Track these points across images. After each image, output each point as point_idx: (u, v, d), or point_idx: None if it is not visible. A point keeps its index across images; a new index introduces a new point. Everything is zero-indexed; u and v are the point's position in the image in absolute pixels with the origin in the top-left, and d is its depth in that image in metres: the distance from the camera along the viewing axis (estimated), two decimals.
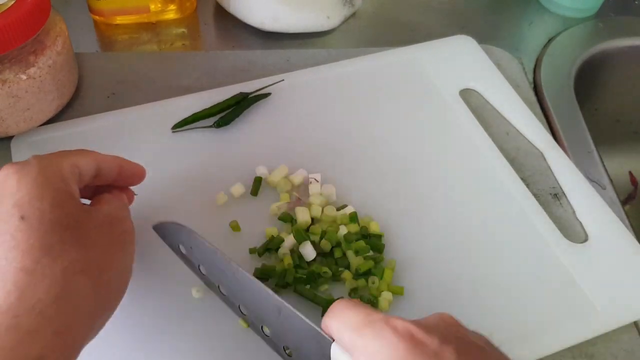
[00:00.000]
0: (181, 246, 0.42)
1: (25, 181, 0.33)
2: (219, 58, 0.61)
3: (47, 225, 0.32)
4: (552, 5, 0.70)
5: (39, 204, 0.33)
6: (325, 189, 0.48)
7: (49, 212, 0.33)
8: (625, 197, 0.75)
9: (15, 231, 0.32)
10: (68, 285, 0.32)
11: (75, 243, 0.33)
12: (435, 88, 0.57)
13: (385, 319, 0.30)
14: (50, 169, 0.35)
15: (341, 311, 0.32)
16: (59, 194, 0.34)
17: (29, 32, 0.47)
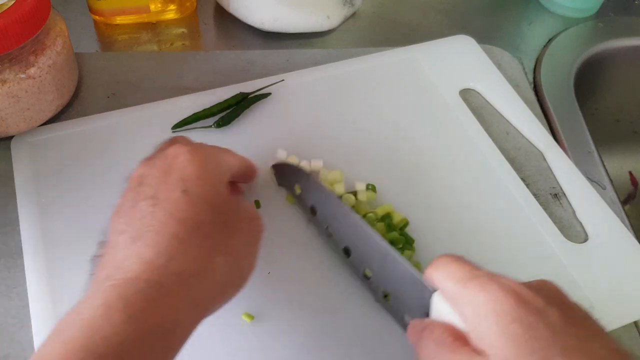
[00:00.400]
0: (296, 186, 0.45)
1: (194, 162, 0.37)
2: (219, 58, 0.61)
3: (204, 205, 0.35)
4: (552, 5, 0.70)
5: (201, 184, 0.36)
6: None
7: (208, 194, 0.36)
8: (625, 197, 0.75)
9: (176, 201, 0.34)
10: (211, 263, 0.34)
11: (224, 228, 0.35)
12: (435, 88, 0.57)
13: (491, 275, 0.31)
14: (215, 160, 0.39)
15: (447, 263, 0.33)
16: (218, 182, 0.37)
17: (29, 32, 0.47)
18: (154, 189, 0.35)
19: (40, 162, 0.50)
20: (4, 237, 0.46)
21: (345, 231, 0.42)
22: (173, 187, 0.35)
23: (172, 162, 0.37)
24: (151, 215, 0.34)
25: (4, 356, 0.40)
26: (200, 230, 0.34)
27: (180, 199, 0.34)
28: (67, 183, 0.48)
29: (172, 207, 0.34)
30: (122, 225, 0.34)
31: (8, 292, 0.43)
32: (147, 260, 0.32)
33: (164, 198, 0.34)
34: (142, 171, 0.37)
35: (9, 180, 0.49)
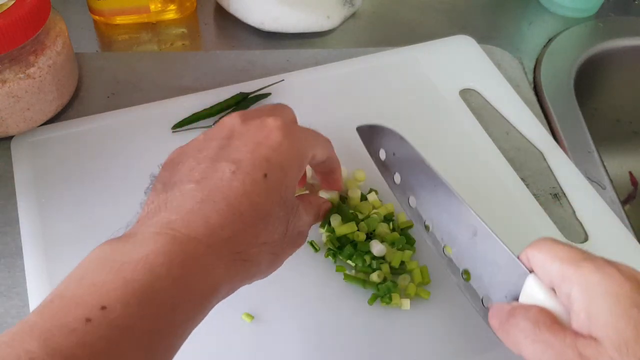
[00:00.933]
0: (382, 150, 0.43)
1: (286, 146, 0.36)
2: (219, 58, 0.61)
3: (278, 197, 0.35)
4: (552, 5, 0.70)
5: (283, 175, 0.35)
6: None
7: (285, 187, 0.35)
8: (625, 197, 0.75)
9: (254, 181, 0.34)
10: (260, 254, 0.34)
11: (281, 226, 0.35)
12: (435, 88, 0.57)
13: (605, 260, 0.30)
14: (304, 149, 0.38)
15: (550, 245, 0.32)
16: (296, 177, 0.37)
17: (29, 32, 0.47)
18: (239, 153, 0.35)
19: (40, 162, 0.50)
20: (4, 237, 0.46)
21: (432, 201, 0.39)
22: (258, 164, 0.34)
23: (267, 135, 0.36)
24: (229, 182, 0.33)
25: None
26: (264, 221, 0.34)
27: (260, 181, 0.34)
28: (67, 183, 0.48)
29: (249, 185, 0.33)
30: (196, 173, 0.34)
31: (8, 292, 0.43)
32: (212, 227, 0.32)
33: (246, 171, 0.34)
34: (235, 126, 0.37)
35: (9, 180, 0.49)
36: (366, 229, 0.45)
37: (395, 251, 0.44)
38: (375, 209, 0.47)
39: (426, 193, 0.40)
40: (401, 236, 0.45)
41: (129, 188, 0.48)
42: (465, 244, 0.37)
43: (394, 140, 0.42)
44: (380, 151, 0.43)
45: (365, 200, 0.47)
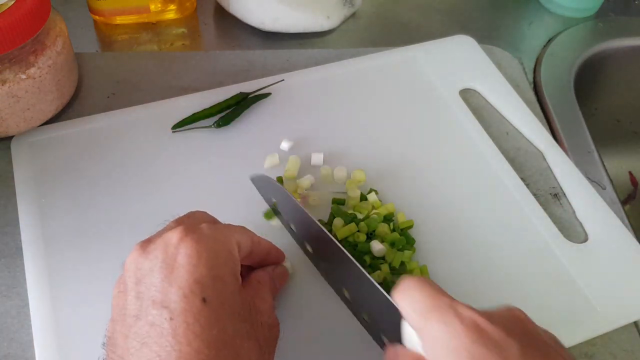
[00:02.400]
0: (273, 199, 0.44)
1: (205, 255, 0.31)
2: (219, 58, 0.61)
3: (227, 313, 0.30)
4: (552, 5, 0.70)
5: (220, 285, 0.30)
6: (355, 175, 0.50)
7: (228, 296, 0.31)
8: (625, 197, 0.75)
9: (197, 316, 0.29)
10: None
11: (252, 341, 0.31)
12: (435, 88, 0.57)
13: (451, 305, 0.29)
14: (224, 246, 0.32)
15: (409, 290, 0.31)
16: (233, 278, 0.32)
17: (29, 32, 0.47)
18: (162, 293, 0.30)
19: (40, 162, 0.50)
20: (4, 237, 0.46)
21: (321, 250, 0.40)
22: (189, 295, 0.29)
23: (175, 254, 0.31)
24: (172, 332, 0.29)
25: (4, 356, 0.40)
26: (229, 348, 0.29)
27: (202, 310, 0.29)
28: (67, 183, 0.48)
29: (194, 322, 0.29)
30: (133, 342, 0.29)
31: (8, 292, 0.43)
32: None
33: (182, 309, 0.29)
34: (139, 263, 0.32)
35: (9, 180, 0.49)
36: (366, 229, 0.45)
37: (395, 251, 0.44)
38: (375, 209, 0.47)
39: (316, 241, 0.40)
40: (401, 236, 0.45)
41: (128, 188, 0.48)
42: (355, 288, 0.38)
43: (276, 191, 0.42)
44: (272, 199, 0.44)
45: (365, 201, 0.47)
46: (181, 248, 0.31)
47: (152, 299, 0.30)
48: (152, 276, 0.31)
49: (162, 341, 0.29)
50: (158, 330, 0.29)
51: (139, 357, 0.29)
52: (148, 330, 0.29)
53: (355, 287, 0.37)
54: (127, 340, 0.30)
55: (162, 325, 0.29)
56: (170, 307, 0.29)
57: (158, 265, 0.31)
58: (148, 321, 0.29)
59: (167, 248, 0.31)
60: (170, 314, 0.29)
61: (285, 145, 0.51)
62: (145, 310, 0.30)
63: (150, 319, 0.29)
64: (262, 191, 0.45)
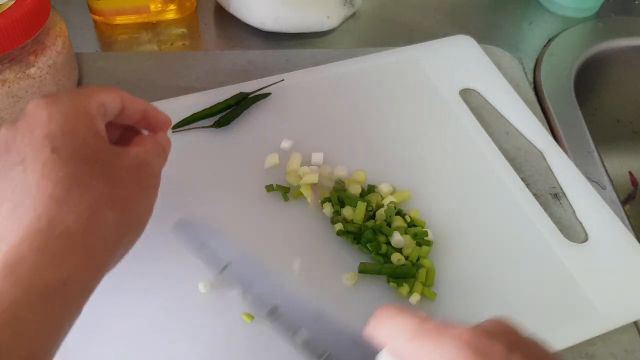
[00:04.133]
0: (205, 246, 0.41)
1: (57, 114, 0.34)
2: (219, 58, 0.61)
3: (77, 159, 0.34)
4: (552, 5, 0.70)
5: (70, 138, 0.34)
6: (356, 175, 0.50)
7: (80, 146, 0.34)
8: (625, 197, 0.75)
9: (46, 162, 0.33)
10: (95, 217, 0.33)
11: (103, 178, 0.34)
12: (435, 88, 0.57)
13: (442, 327, 0.28)
14: (80, 105, 0.36)
15: (391, 318, 0.30)
16: (88, 131, 0.35)
17: (29, 32, 0.47)
18: (20, 153, 0.34)
19: None
20: None
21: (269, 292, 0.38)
22: (40, 147, 0.33)
23: (33, 119, 0.35)
24: (24, 181, 0.33)
25: None
26: (77, 186, 0.33)
27: (49, 158, 0.33)
28: None
29: (42, 168, 0.33)
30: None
31: None
32: (27, 225, 0.31)
33: (33, 160, 0.33)
34: (5, 136, 0.35)
35: None
36: (383, 217, 0.45)
37: (414, 245, 0.44)
38: (383, 198, 0.47)
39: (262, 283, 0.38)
40: (425, 230, 0.45)
41: None
42: (315, 326, 0.36)
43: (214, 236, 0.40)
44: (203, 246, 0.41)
45: (372, 193, 0.48)
46: (37, 114, 0.35)
47: (13, 160, 0.34)
48: (15, 142, 0.34)
49: (18, 190, 0.33)
50: (15, 182, 0.33)
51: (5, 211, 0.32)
52: (8, 185, 0.33)
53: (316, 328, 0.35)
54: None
55: (17, 178, 0.33)
56: (24, 160, 0.33)
57: (20, 132, 0.35)
58: (10, 178, 0.33)
59: (27, 117, 0.35)
60: (24, 166, 0.33)
61: (285, 145, 0.51)
62: (9, 171, 0.34)
63: (12, 175, 0.33)
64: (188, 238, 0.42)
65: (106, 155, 0.35)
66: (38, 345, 0.29)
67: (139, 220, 0.36)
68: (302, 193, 0.48)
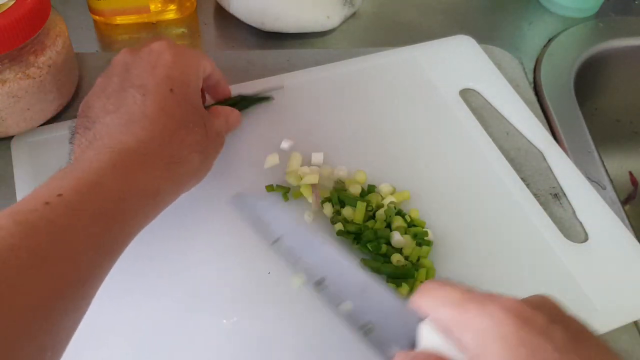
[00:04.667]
0: (260, 218, 0.42)
1: (179, 63, 0.41)
2: (219, 58, 0.60)
3: (187, 105, 0.40)
4: (552, 5, 0.70)
5: (185, 87, 0.41)
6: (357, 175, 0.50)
7: (190, 96, 0.41)
8: (625, 197, 0.75)
9: (165, 97, 0.39)
10: (190, 155, 0.40)
11: (201, 129, 0.41)
12: (435, 88, 0.57)
13: (487, 295, 0.29)
14: (195, 62, 0.43)
15: (437, 288, 0.31)
16: (196, 87, 0.42)
17: (29, 32, 0.47)
18: (142, 79, 0.39)
19: (40, 162, 0.50)
20: None
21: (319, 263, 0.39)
22: (161, 83, 0.39)
23: (158, 58, 0.41)
24: (143, 103, 0.38)
25: None
26: (184, 126, 0.39)
27: (169, 96, 0.39)
28: None
29: (162, 101, 0.39)
30: (110, 106, 0.39)
31: None
32: (144, 140, 0.37)
33: (154, 90, 0.39)
34: (128, 59, 0.42)
35: (9, 180, 0.49)
36: (383, 217, 0.45)
37: (414, 245, 0.44)
38: (383, 198, 0.47)
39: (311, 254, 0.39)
40: (425, 230, 0.45)
41: None
42: (360, 297, 0.37)
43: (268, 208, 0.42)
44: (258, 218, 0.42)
45: (372, 193, 0.48)
46: (163, 54, 0.41)
47: (132, 82, 0.40)
48: (137, 68, 0.41)
49: (135, 107, 0.38)
50: (132, 100, 0.39)
51: (111, 117, 0.38)
52: (125, 99, 0.39)
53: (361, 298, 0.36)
54: (105, 105, 0.39)
55: (135, 97, 0.39)
56: (145, 87, 0.39)
57: (143, 62, 0.41)
58: (127, 94, 0.39)
59: (152, 53, 0.41)
60: (144, 91, 0.39)
61: (285, 145, 0.51)
62: (126, 89, 0.39)
63: (129, 93, 0.39)
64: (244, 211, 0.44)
65: (203, 113, 0.42)
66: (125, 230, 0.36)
67: (206, 170, 0.43)
68: (302, 193, 0.48)
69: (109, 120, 0.38)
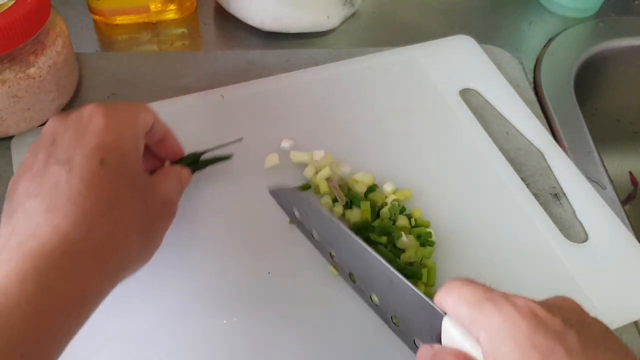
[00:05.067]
0: (295, 210, 0.43)
1: (112, 127, 0.35)
2: (219, 58, 0.61)
3: (122, 177, 0.35)
4: (552, 5, 0.70)
5: (119, 155, 0.35)
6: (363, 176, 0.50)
7: (126, 166, 0.35)
8: (625, 197, 0.75)
9: (94, 172, 0.33)
10: (126, 238, 0.34)
11: (140, 203, 0.35)
12: (435, 88, 0.57)
13: (506, 296, 0.30)
14: (132, 122, 0.37)
15: (459, 286, 0.31)
16: (135, 152, 0.37)
17: (29, 32, 0.47)
18: (67, 152, 0.34)
19: None
20: None
21: (348, 256, 0.40)
22: (90, 154, 0.34)
23: (88, 123, 0.35)
24: (67, 183, 0.33)
25: None
26: (118, 204, 0.34)
27: (97, 169, 0.34)
28: None
29: (90, 178, 0.33)
30: (33, 189, 0.33)
31: None
32: (64, 232, 0.31)
33: (81, 165, 0.33)
34: (55, 129, 0.36)
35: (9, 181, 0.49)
36: (388, 215, 0.45)
37: (417, 246, 0.45)
38: (386, 197, 0.47)
39: (342, 247, 0.40)
40: (428, 230, 0.45)
41: None
42: (385, 292, 0.38)
43: (302, 201, 0.42)
44: (295, 210, 0.44)
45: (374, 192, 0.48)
46: (93, 118, 0.36)
47: (57, 157, 0.34)
48: (64, 139, 0.35)
49: (58, 188, 0.33)
50: (55, 180, 0.33)
51: (32, 203, 0.33)
52: (48, 179, 0.33)
53: (388, 291, 0.37)
54: (28, 188, 0.34)
55: (59, 176, 0.33)
56: (71, 162, 0.34)
57: (71, 131, 0.35)
58: (50, 173, 0.34)
59: (81, 119, 0.36)
60: (69, 168, 0.33)
61: (285, 145, 0.51)
62: (49, 166, 0.34)
63: (53, 171, 0.34)
64: (281, 202, 0.45)
65: (145, 182, 0.37)
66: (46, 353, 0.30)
67: (153, 249, 0.37)
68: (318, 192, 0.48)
69: (29, 206, 0.33)
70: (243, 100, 0.55)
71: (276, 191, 0.44)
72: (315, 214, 0.41)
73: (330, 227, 0.40)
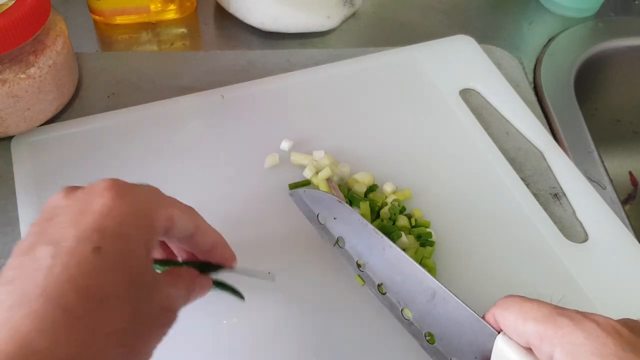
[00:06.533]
0: (320, 215, 0.41)
1: (120, 211, 0.29)
2: (219, 58, 0.61)
3: (116, 274, 0.28)
4: (552, 5, 0.70)
5: (120, 244, 0.28)
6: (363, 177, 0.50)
7: (124, 259, 0.28)
8: (625, 197, 0.75)
9: (83, 260, 0.27)
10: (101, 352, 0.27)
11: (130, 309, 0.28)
12: (435, 88, 0.57)
13: (582, 313, 0.29)
14: (147, 211, 0.31)
15: (519, 303, 0.30)
16: (141, 245, 0.30)
17: (29, 32, 0.47)
18: (61, 232, 0.28)
19: (40, 162, 0.50)
20: (4, 237, 0.46)
21: (382, 266, 0.38)
22: (83, 238, 0.28)
23: (92, 201, 0.29)
24: (47, 270, 0.27)
25: None
26: (102, 307, 0.27)
27: (90, 258, 0.27)
28: (67, 183, 0.48)
29: (76, 266, 0.27)
30: (12, 271, 0.27)
31: None
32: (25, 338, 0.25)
33: (69, 250, 0.27)
34: (58, 201, 0.31)
35: (9, 180, 0.49)
36: (388, 215, 0.45)
37: (418, 246, 0.45)
38: (386, 197, 0.47)
39: (375, 256, 0.38)
40: (428, 231, 0.45)
41: None
42: (424, 306, 0.35)
43: (332, 206, 0.40)
44: (319, 215, 0.41)
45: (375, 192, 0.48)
46: (101, 197, 0.29)
47: (48, 236, 0.28)
48: (63, 216, 0.29)
49: (34, 276, 0.27)
50: (35, 265, 0.27)
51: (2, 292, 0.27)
52: (31, 263, 0.27)
53: (428, 306, 0.35)
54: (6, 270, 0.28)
55: (40, 261, 0.27)
56: (59, 245, 0.27)
57: (73, 207, 0.29)
58: (33, 255, 0.28)
59: (89, 194, 0.30)
60: (54, 252, 0.27)
61: (285, 145, 0.51)
62: (35, 247, 0.28)
63: (36, 254, 0.28)
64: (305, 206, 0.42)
65: (143, 282, 0.29)
66: None
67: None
68: None
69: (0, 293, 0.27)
70: (243, 100, 0.55)
71: (299, 193, 0.42)
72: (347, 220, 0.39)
73: (363, 234, 0.38)
